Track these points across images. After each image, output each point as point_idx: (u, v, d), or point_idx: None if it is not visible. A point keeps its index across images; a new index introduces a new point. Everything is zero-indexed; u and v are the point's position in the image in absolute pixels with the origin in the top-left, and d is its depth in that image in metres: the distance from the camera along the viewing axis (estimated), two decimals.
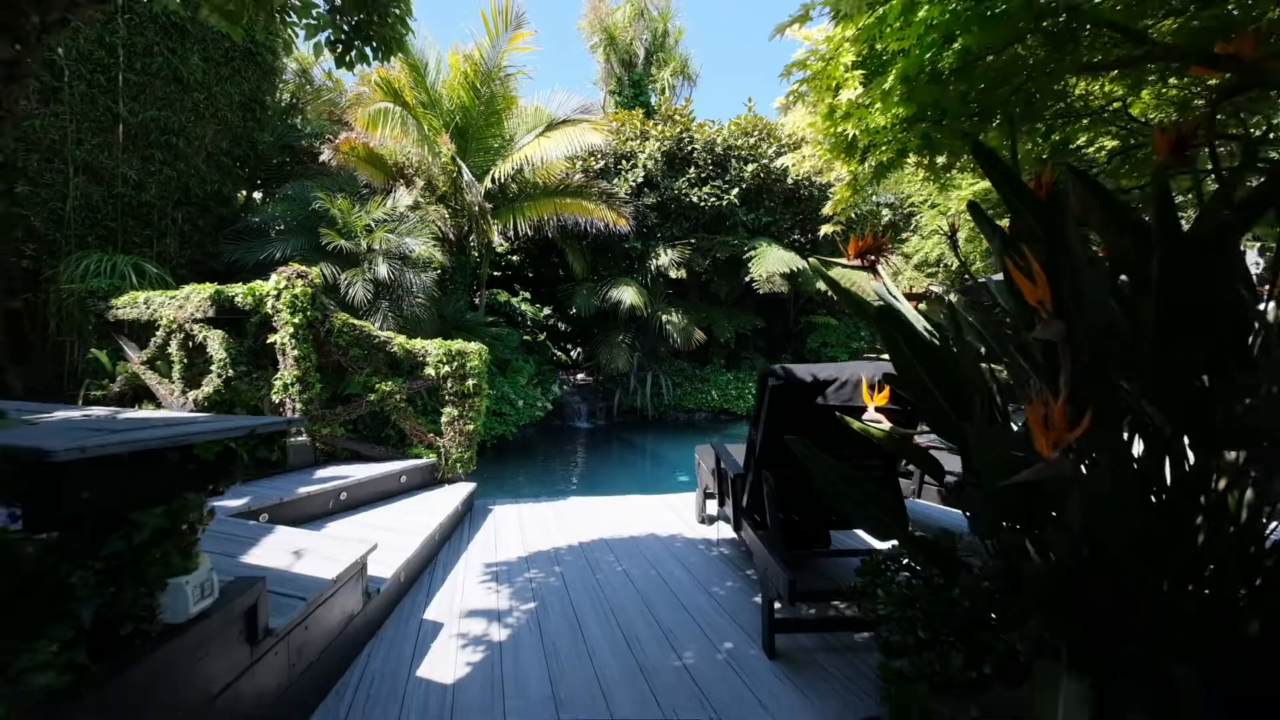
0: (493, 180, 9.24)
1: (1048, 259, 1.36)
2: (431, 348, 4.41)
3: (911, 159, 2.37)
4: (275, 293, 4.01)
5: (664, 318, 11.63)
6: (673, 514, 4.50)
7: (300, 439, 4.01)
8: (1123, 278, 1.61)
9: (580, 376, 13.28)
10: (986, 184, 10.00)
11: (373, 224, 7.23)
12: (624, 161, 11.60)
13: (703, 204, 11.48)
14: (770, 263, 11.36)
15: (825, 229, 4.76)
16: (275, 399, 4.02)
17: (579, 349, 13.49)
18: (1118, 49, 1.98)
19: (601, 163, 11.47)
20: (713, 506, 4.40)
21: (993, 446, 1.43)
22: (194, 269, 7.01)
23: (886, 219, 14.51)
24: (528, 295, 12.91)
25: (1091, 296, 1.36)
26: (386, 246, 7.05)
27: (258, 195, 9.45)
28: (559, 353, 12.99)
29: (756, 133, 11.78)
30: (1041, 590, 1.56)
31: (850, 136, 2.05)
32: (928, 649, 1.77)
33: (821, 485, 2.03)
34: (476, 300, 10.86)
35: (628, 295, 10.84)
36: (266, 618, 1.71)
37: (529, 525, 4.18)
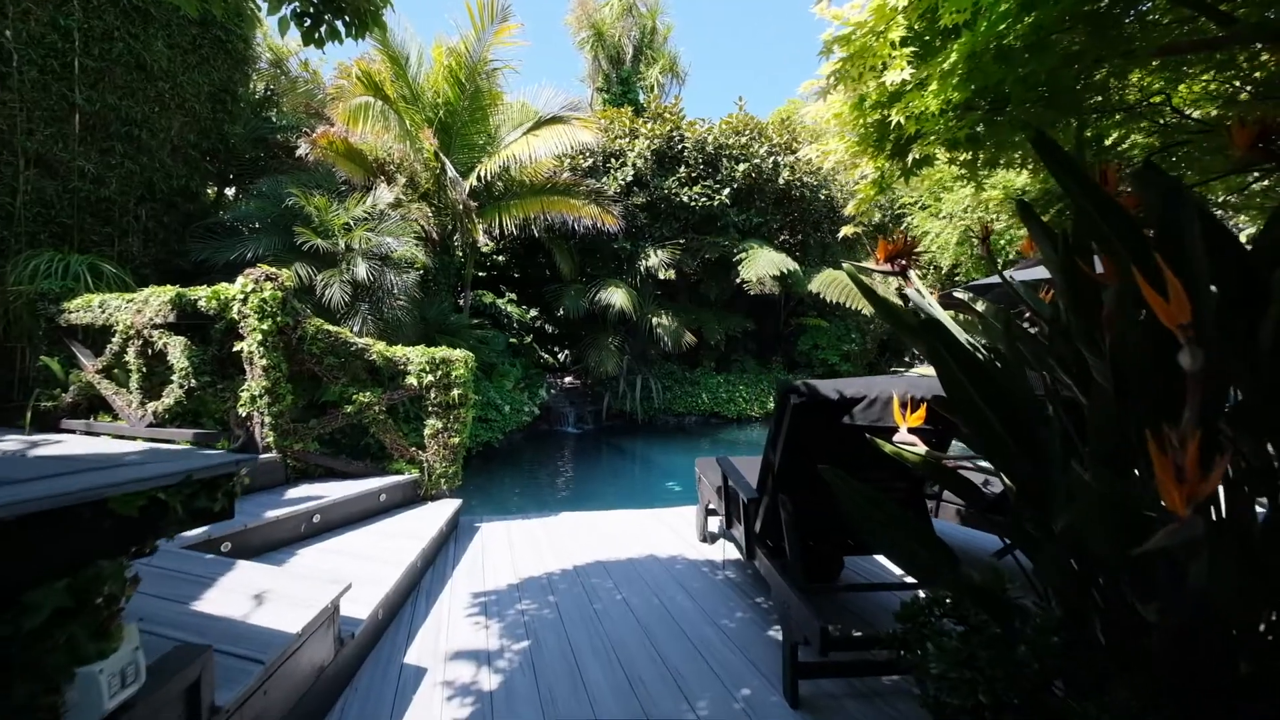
0: (478, 178, 8.92)
1: (1176, 269, 1.13)
2: (413, 355, 4.12)
3: (943, 154, 2.16)
4: (242, 296, 3.68)
5: (654, 320, 11.40)
6: (670, 532, 4.25)
7: (269, 455, 3.69)
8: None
9: (568, 380, 12.99)
10: (1015, 182, 9.93)
11: (351, 222, 6.89)
12: (613, 160, 11.33)
13: (693, 204, 11.26)
14: (761, 264, 11.18)
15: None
16: (242, 411, 3.69)
17: (567, 351, 13.21)
18: (1178, 29, 1.78)
19: (590, 160, 11.19)
20: (714, 523, 4.18)
21: (1096, 497, 1.20)
22: (159, 269, 6.60)
23: (877, 220, 14.44)
24: (513, 296, 12.59)
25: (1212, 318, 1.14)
26: (366, 246, 6.71)
27: (230, 191, 9.03)
28: (546, 355, 12.70)
29: (748, 132, 11.59)
30: (1134, 655, 1.35)
31: (890, 125, 1.82)
32: (989, 714, 1.55)
33: (858, 520, 1.80)
34: (461, 301, 10.52)
35: (617, 298, 10.58)
36: (213, 694, 1.43)
37: (519, 545, 3.91)
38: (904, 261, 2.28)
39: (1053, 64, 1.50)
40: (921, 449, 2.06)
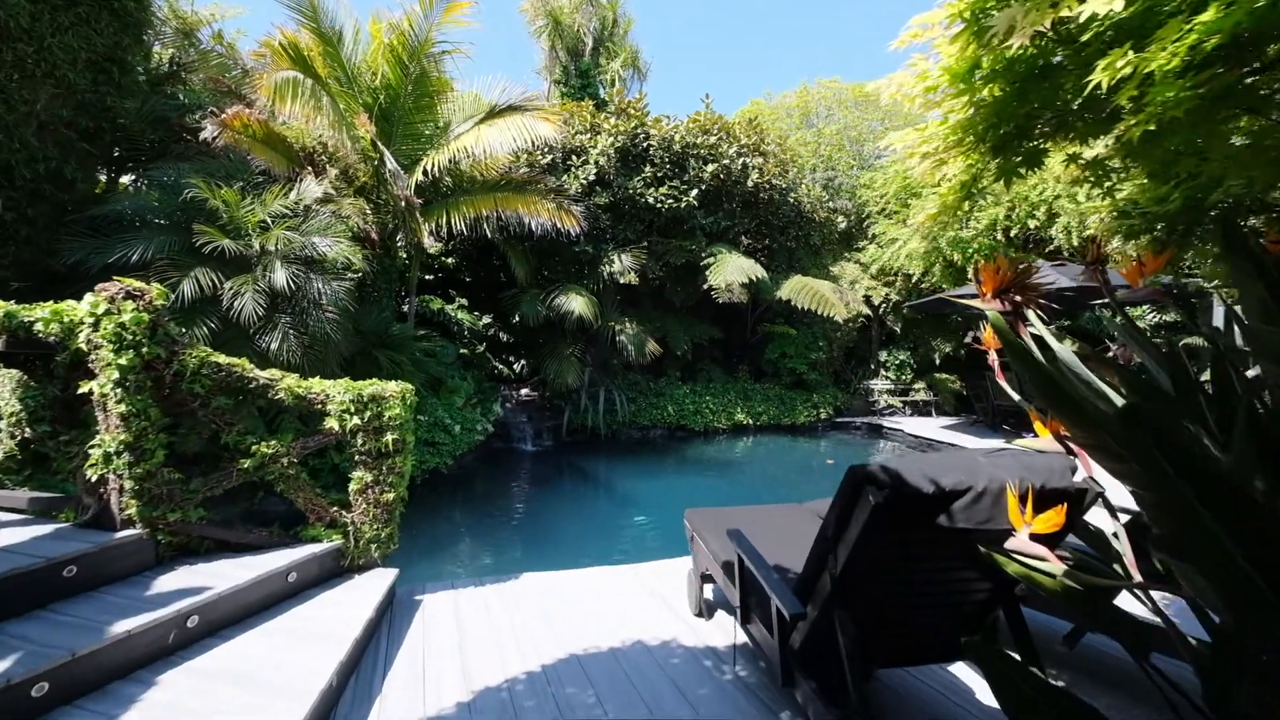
0: (424, 172, 7.97)
1: None
2: (335, 391, 3.26)
3: (1059, 151, 1.58)
4: (92, 320, 2.75)
5: (616, 328, 10.67)
6: (653, 599, 3.55)
7: (129, 533, 2.77)
8: None
9: (525, 392, 12.10)
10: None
11: (269, 220, 5.86)
12: (574, 157, 10.54)
13: (660, 205, 10.60)
14: (730, 271, 10.64)
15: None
16: (91, 474, 2.76)
17: (523, 362, 12.31)
18: None
19: (548, 157, 10.36)
20: (710, 591, 3.51)
21: None
22: (22, 272, 5.41)
23: (843, 226, 14.20)
24: (464, 302, 11.63)
25: None
26: (286, 247, 5.71)
27: (127, 180, 7.75)
28: (501, 366, 11.77)
29: (716, 131, 11.03)
30: None
31: (1066, 87, 1.22)
32: None
33: (1004, 700, 1.17)
34: (405, 308, 9.51)
35: (577, 304, 9.80)
36: None
37: (471, 629, 3.12)
38: (1019, 297, 1.66)
39: None
40: (1056, 566, 1.44)
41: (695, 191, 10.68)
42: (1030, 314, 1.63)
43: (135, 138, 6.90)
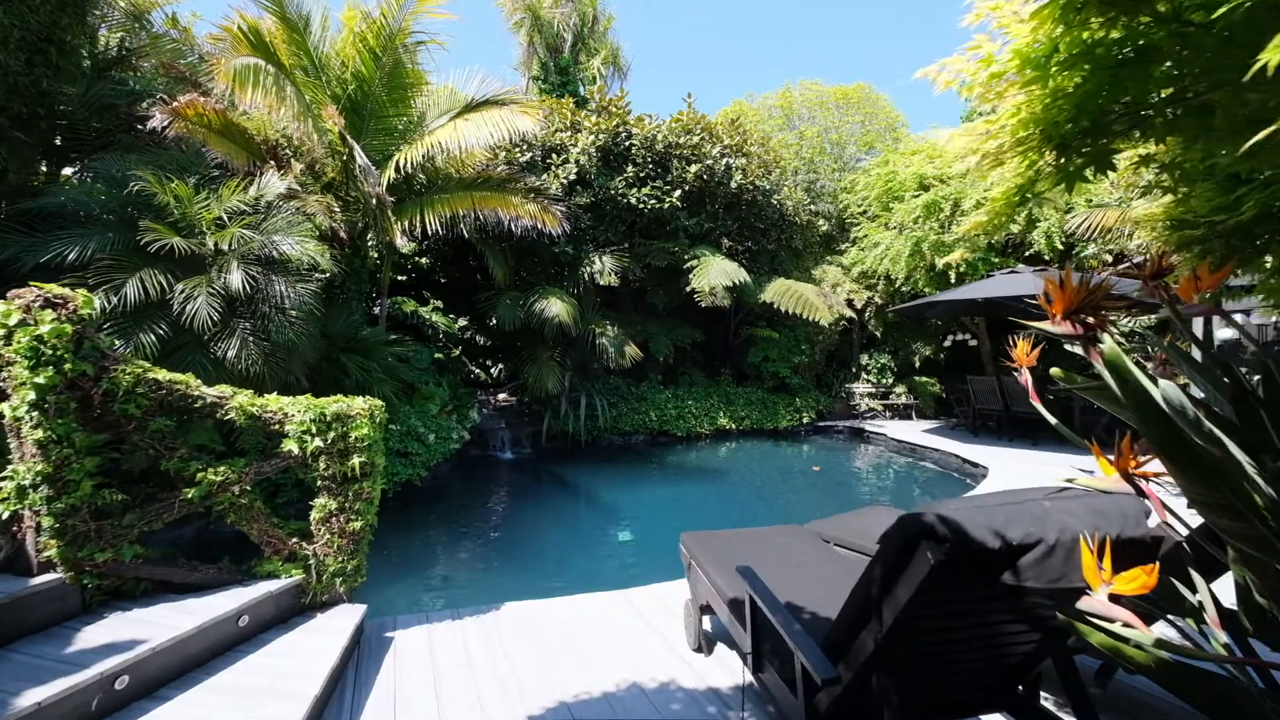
0: (396, 168, 7.58)
1: None
2: (294, 410, 2.92)
3: (1129, 152, 1.38)
4: (2, 332, 2.37)
5: (598, 331, 10.38)
6: (649, 630, 3.30)
7: (51, 577, 2.41)
8: None
9: (502, 397, 11.72)
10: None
11: (226, 216, 5.43)
12: (554, 155, 10.22)
13: (642, 206, 10.34)
14: (713, 274, 10.44)
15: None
16: (2, 511, 2.38)
17: (500, 366, 11.92)
18: None
19: (528, 155, 10.02)
20: (708, 621, 3.27)
21: None
22: None
23: (824, 229, 14.14)
24: (439, 304, 11.21)
25: None
26: (245, 247, 5.29)
27: (69, 171, 7.18)
28: (478, 370, 11.37)
29: (699, 131, 10.82)
30: None
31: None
32: None
33: None
34: (376, 310, 9.07)
35: (556, 308, 9.48)
36: None
37: (447, 674, 2.81)
38: (1093, 319, 1.44)
39: None
40: (1146, 635, 1.23)
41: (678, 192, 10.46)
42: (1105, 338, 1.41)
43: (78, 126, 6.36)
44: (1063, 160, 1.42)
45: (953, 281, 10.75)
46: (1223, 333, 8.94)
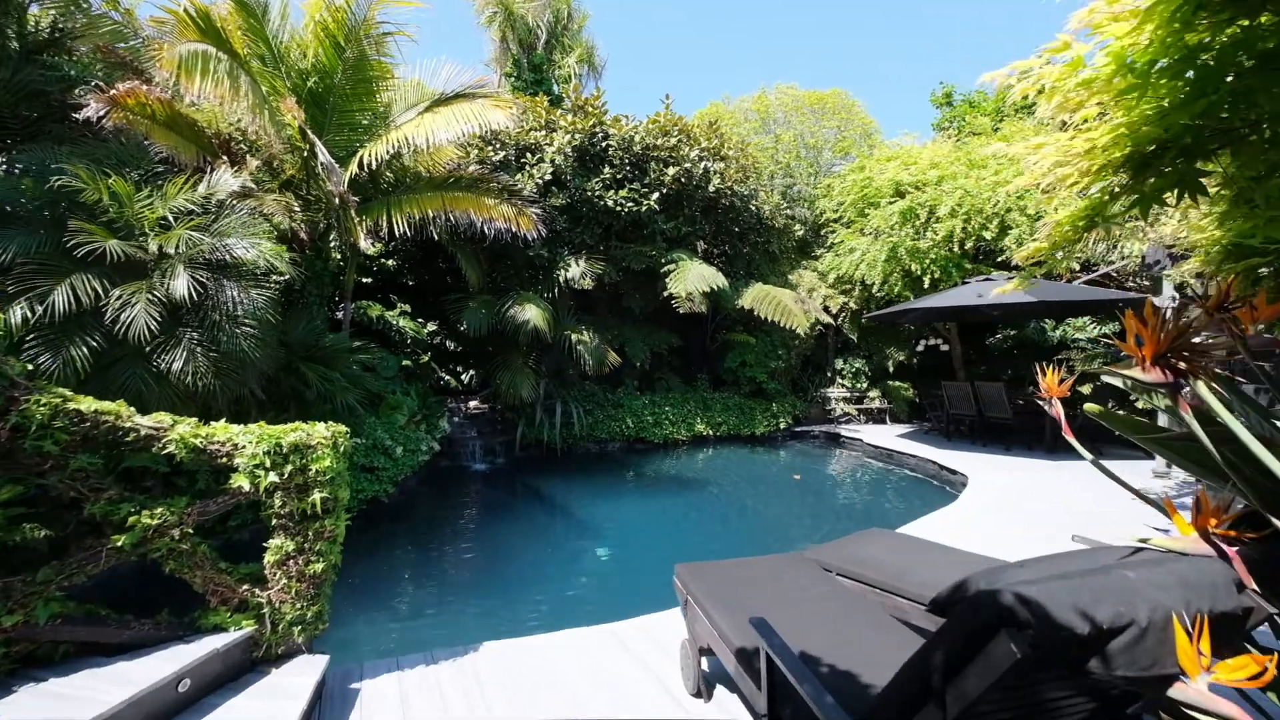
0: (361, 165, 7.16)
1: None
2: (245, 440, 2.59)
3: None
4: None
5: (574, 337, 10.08)
6: (644, 673, 3.07)
7: None
8: None
9: (474, 404, 11.31)
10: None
11: (171, 217, 4.98)
12: (528, 154, 9.88)
13: (619, 209, 10.10)
14: (691, 279, 10.25)
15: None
16: None
17: (472, 372, 11.51)
18: None
19: (501, 154, 9.66)
20: (706, 661, 3.05)
21: None
22: None
23: (800, 234, 14.14)
24: (407, 308, 10.74)
25: None
26: (193, 250, 4.85)
27: None
28: (448, 377, 10.94)
29: (677, 133, 10.63)
30: None
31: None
32: None
33: None
34: (340, 315, 8.60)
35: (532, 315, 9.15)
36: None
37: None
38: (1184, 363, 1.27)
39: None
40: None
41: (656, 195, 10.25)
42: (1201, 385, 1.24)
43: (3, 114, 5.78)
44: (1140, 181, 1.25)
45: (926, 288, 10.83)
46: None
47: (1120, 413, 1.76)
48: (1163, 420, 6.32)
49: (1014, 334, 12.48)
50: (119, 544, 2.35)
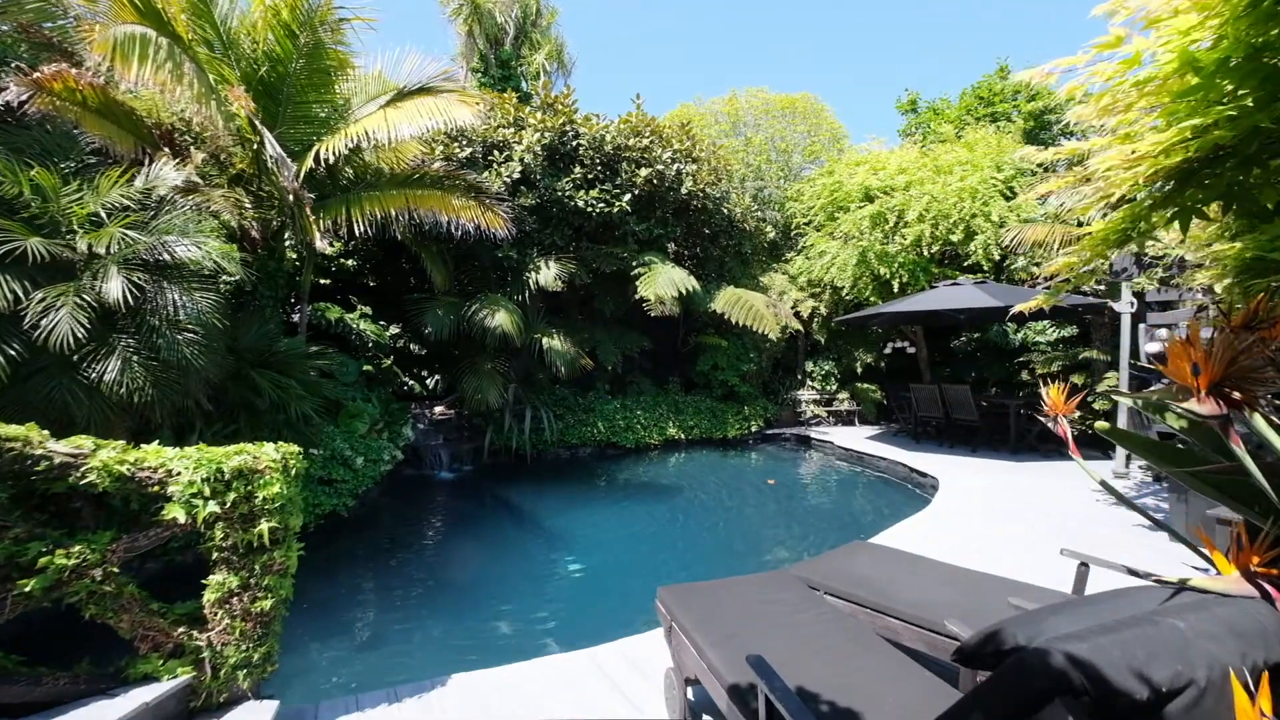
0: (317, 160, 6.78)
1: None
2: (180, 466, 2.31)
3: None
4: None
5: (545, 341, 9.83)
6: (624, 704, 2.89)
7: None
8: None
9: (439, 410, 10.93)
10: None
11: (103, 213, 4.57)
12: (496, 152, 9.58)
13: (590, 210, 9.89)
14: (661, 283, 10.12)
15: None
16: None
17: (437, 376, 11.12)
18: None
19: (468, 150, 9.34)
20: (692, 691, 2.90)
21: None
22: None
23: (771, 236, 14.17)
24: (368, 310, 10.30)
25: None
26: (128, 249, 4.45)
27: None
28: (412, 382, 10.54)
29: (648, 134, 10.49)
30: None
31: None
32: None
33: None
34: (296, 318, 8.16)
35: (500, 319, 8.87)
36: None
37: None
38: (1237, 393, 1.16)
39: None
40: None
41: (628, 196, 10.08)
42: (1259, 419, 1.13)
43: None
44: (1180, 191, 1.15)
45: (895, 292, 10.96)
46: None
47: (1131, 431, 1.67)
48: (1152, 434, 6.46)
49: (977, 337, 12.76)
50: (28, 589, 2.05)
